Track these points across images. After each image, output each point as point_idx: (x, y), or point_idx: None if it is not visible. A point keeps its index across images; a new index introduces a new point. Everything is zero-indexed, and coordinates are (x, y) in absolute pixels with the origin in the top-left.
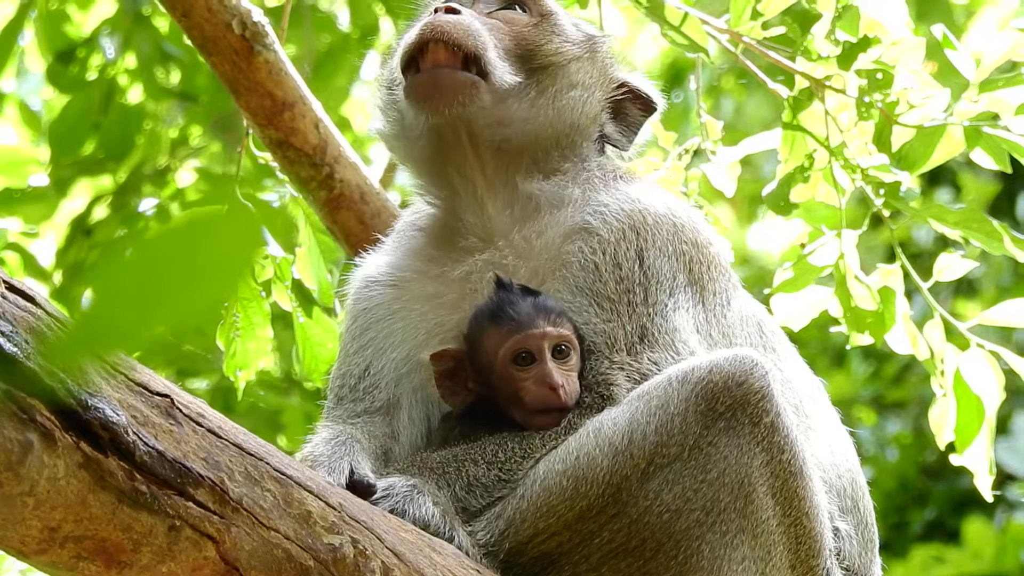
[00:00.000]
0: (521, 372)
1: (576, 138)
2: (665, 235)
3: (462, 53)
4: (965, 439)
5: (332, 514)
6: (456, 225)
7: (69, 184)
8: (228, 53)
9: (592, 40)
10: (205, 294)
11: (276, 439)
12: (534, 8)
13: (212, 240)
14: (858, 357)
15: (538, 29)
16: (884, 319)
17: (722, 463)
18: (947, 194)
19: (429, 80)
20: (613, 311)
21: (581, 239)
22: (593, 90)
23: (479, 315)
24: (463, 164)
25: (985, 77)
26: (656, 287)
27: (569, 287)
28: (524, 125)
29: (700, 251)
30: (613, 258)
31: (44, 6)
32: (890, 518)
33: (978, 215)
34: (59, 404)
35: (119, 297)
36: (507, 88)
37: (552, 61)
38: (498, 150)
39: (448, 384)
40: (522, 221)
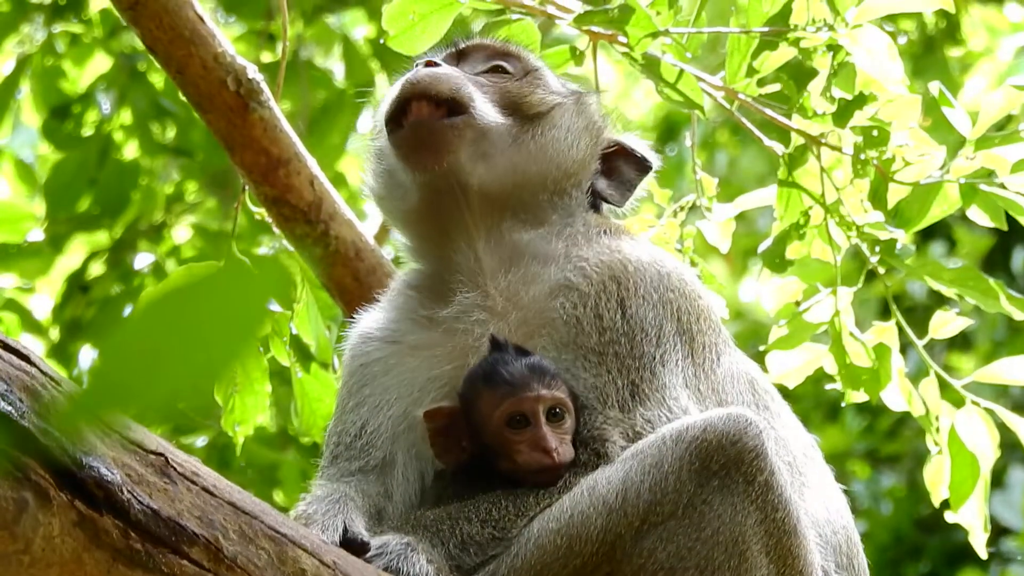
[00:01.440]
0: (515, 435)
1: (563, 183)
2: (649, 283)
3: (444, 103)
4: (960, 496)
5: (327, 572)
6: (446, 273)
7: (65, 240)
8: (223, 110)
9: (578, 95)
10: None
11: (272, 495)
12: (519, 66)
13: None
14: (852, 411)
15: (522, 83)
16: (879, 376)
17: (716, 521)
18: (942, 247)
19: (413, 136)
20: (601, 364)
21: (563, 295)
22: (580, 136)
23: (474, 376)
24: (454, 211)
25: (981, 134)
26: (642, 337)
27: (554, 343)
28: (513, 169)
29: (688, 301)
30: (594, 310)
31: (40, 61)
32: (884, 572)
33: (973, 273)
34: (54, 463)
35: (121, 360)
36: (491, 125)
37: (538, 109)
38: (486, 194)
39: (442, 442)
40: (509, 268)
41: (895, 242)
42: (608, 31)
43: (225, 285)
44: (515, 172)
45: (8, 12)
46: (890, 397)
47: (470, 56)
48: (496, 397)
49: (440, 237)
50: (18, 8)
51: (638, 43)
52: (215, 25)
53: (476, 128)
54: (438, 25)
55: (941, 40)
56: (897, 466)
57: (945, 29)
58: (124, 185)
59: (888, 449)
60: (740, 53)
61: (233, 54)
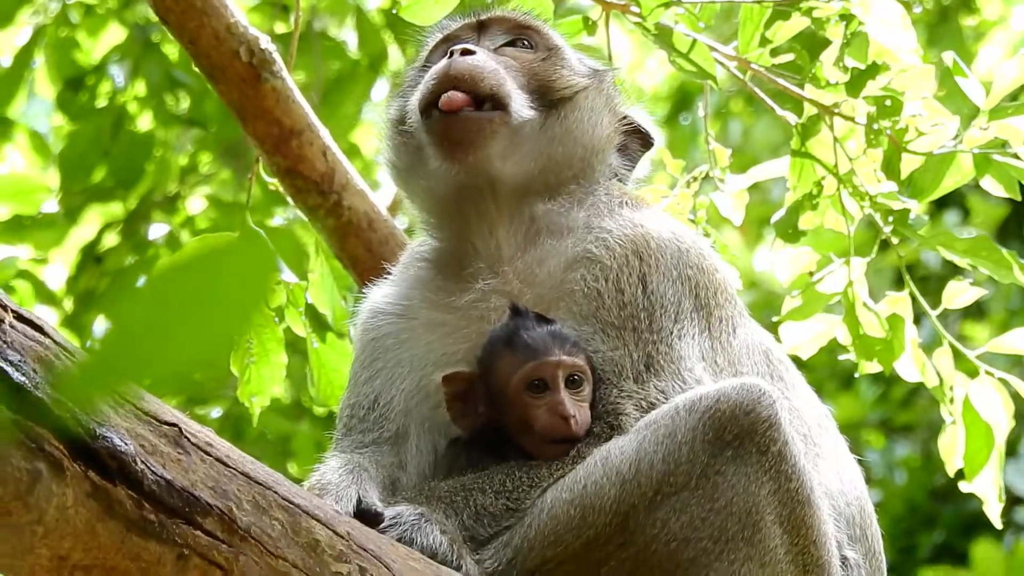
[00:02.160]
0: (534, 399)
1: (591, 159)
2: (669, 260)
3: (481, 95)
4: (974, 466)
5: (340, 543)
6: (463, 253)
7: (79, 211)
8: (236, 80)
9: (598, 73)
10: (220, 325)
11: (286, 466)
12: (540, 43)
13: (226, 270)
14: (866, 381)
15: (546, 64)
16: (893, 347)
17: (730, 492)
18: (955, 217)
19: (450, 128)
20: (619, 338)
21: (584, 267)
22: (602, 116)
23: (494, 340)
24: (479, 199)
25: (995, 104)
26: (661, 313)
27: (574, 316)
28: (541, 156)
29: (706, 276)
30: (616, 284)
31: (54, 32)
32: (898, 541)
33: (987, 243)
34: (67, 433)
35: (133, 330)
36: (525, 120)
37: (564, 95)
38: (513, 183)
39: (459, 407)
40: (525, 247)
41: (908, 212)
42: (621, 1)
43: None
44: (542, 159)
45: None
46: (904, 367)
47: (491, 28)
48: (517, 361)
49: (462, 221)
50: None
51: (651, 13)
52: None
53: (511, 126)
54: None
55: (955, 9)
56: (911, 436)
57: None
58: (138, 156)
59: (902, 419)
60: (753, 23)
61: (245, 24)
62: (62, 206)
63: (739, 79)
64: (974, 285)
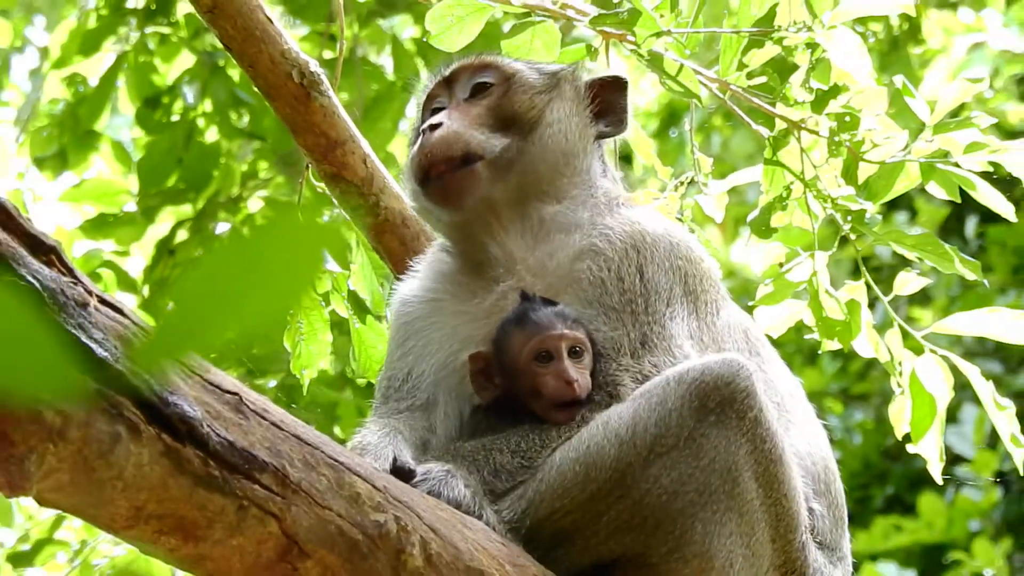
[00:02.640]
0: (541, 368)
1: (573, 162)
2: (663, 252)
3: (455, 158)
4: (920, 431)
5: (378, 495)
6: (481, 259)
7: (155, 211)
8: (288, 99)
9: (555, 76)
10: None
11: (332, 429)
12: (499, 76)
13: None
14: (828, 356)
15: (507, 96)
16: (851, 327)
17: (712, 452)
18: (904, 216)
19: (440, 189)
20: (618, 320)
21: (590, 259)
22: (572, 116)
23: (506, 322)
24: (485, 223)
25: (938, 120)
26: (655, 298)
27: (580, 301)
28: (527, 173)
29: (693, 266)
30: (617, 274)
31: (134, 58)
32: (855, 494)
33: (932, 239)
34: (143, 401)
35: (194, 306)
36: (500, 153)
37: (528, 116)
38: (509, 201)
39: (480, 380)
40: (536, 245)
41: (864, 212)
42: (619, 31)
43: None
44: (530, 174)
45: (107, 16)
46: (860, 345)
47: (457, 80)
48: (525, 336)
49: (475, 240)
50: (115, 13)
51: (644, 41)
52: (281, 26)
53: (489, 164)
54: (473, 25)
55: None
56: (866, 404)
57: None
58: (206, 164)
59: (858, 389)
60: (732, 50)
61: (297, 51)
62: (140, 206)
63: (720, 98)
64: (920, 275)
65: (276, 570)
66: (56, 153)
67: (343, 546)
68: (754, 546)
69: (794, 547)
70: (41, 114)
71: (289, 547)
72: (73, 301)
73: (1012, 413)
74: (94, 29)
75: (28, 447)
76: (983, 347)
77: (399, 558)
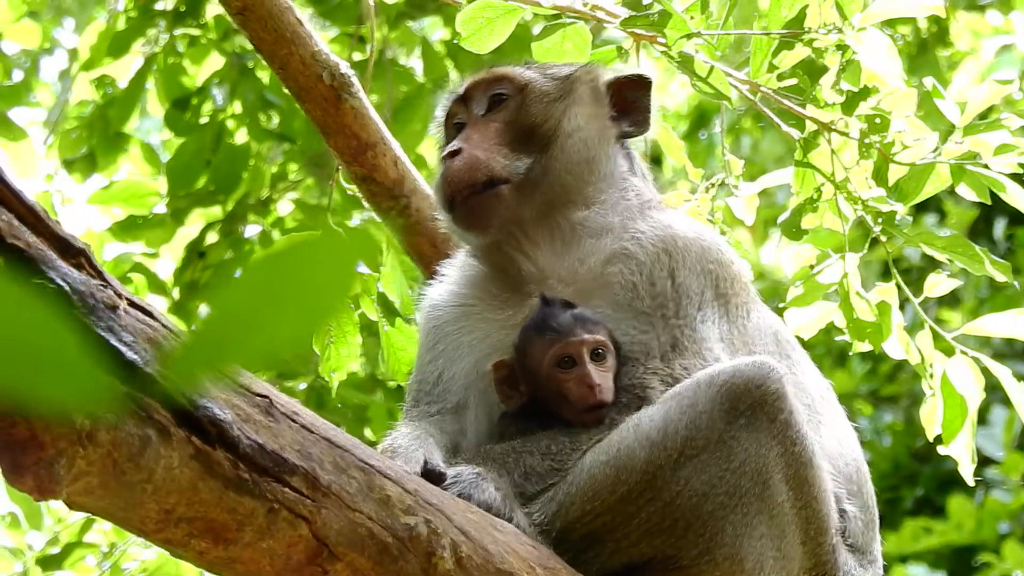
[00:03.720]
0: (564, 374)
1: (596, 167)
2: (694, 256)
3: (478, 183)
4: (950, 433)
5: (408, 498)
6: (512, 270)
7: (185, 213)
8: (319, 100)
9: (570, 79)
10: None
11: (363, 431)
12: (512, 88)
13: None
14: (858, 358)
15: (523, 109)
16: (882, 329)
17: (743, 454)
18: (934, 218)
19: (467, 215)
20: (649, 323)
21: (621, 262)
22: (589, 120)
23: (527, 329)
24: (515, 240)
25: (968, 122)
26: (686, 302)
27: (611, 304)
28: (553, 186)
29: (724, 269)
30: (648, 277)
31: (163, 60)
32: (885, 495)
33: (962, 240)
34: (173, 404)
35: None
36: (524, 174)
37: (545, 128)
38: (537, 217)
39: (505, 389)
40: (566, 252)
41: (895, 214)
42: (649, 33)
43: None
44: (555, 187)
45: (136, 18)
46: (890, 347)
47: (472, 96)
48: (546, 343)
49: (506, 257)
50: (144, 15)
51: (675, 43)
52: (312, 28)
53: (515, 185)
54: (503, 27)
55: (933, 42)
56: (896, 405)
57: (936, 33)
58: (235, 166)
59: (888, 391)
60: (762, 52)
61: (328, 52)
62: (170, 208)
63: (750, 100)
64: (950, 277)
65: (306, 573)
66: (85, 155)
67: (373, 549)
68: (784, 548)
69: (824, 549)
70: (70, 116)
71: (319, 550)
72: (102, 304)
73: None
74: (123, 31)
75: (57, 450)
76: (1012, 349)
77: (430, 560)
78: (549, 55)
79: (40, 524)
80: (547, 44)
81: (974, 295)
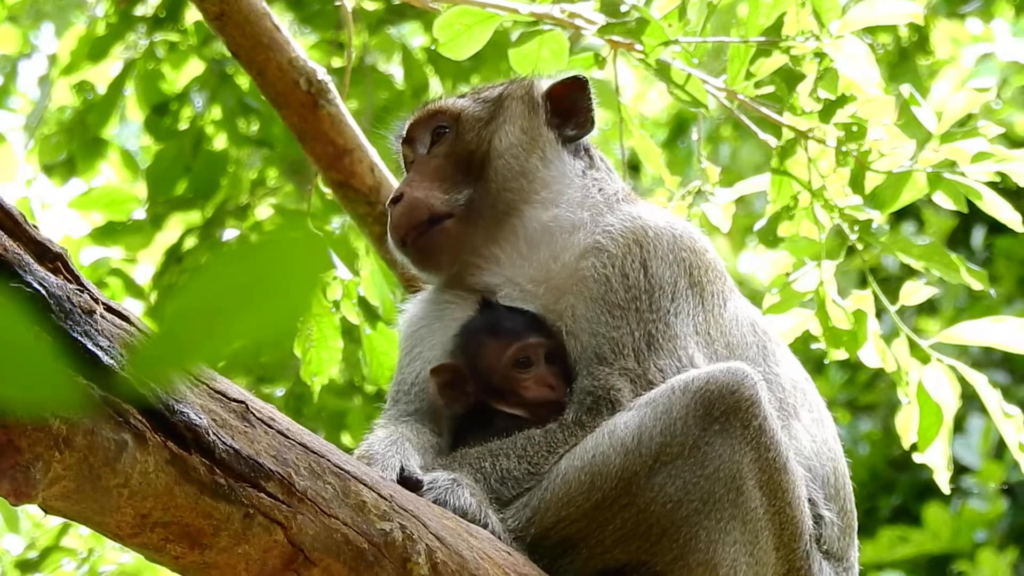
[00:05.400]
0: (522, 375)
1: (535, 175)
2: (666, 246)
3: (422, 223)
4: (926, 440)
5: (384, 504)
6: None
7: (164, 219)
8: (296, 106)
9: (500, 99)
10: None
11: (341, 437)
12: (448, 119)
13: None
14: (835, 366)
15: (457, 138)
16: (857, 337)
17: (717, 460)
18: (911, 227)
19: (417, 254)
20: (622, 318)
21: (594, 256)
22: (522, 135)
23: (475, 331)
24: (472, 265)
25: (945, 130)
26: (659, 294)
27: (584, 299)
28: (499, 204)
29: (697, 257)
30: (621, 270)
31: (143, 65)
32: (862, 504)
33: (938, 249)
34: (149, 409)
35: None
36: (465, 204)
37: (479, 155)
38: (489, 237)
39: (449, 393)
40: (534, 253)
41: (871, 222)
42: (627, 40)
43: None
44: (499, 207)
45: (116, 24)
46: (867, 355)
47: (416, 135)
48: (503, 345)
49: (470, 280)
50: (124, 20)
51: (652, 50)
52: (289, 34)
53: (456, 219)
54: (481, 34)
55: (912, 50)
56: (873, 414)
57: (916, 41)
58: (214, 172)
59: (865, 399)
60: (740, 59)
61: (305, 58)
62: (149, 214)
63: (728, 108)
64: (927, 285)
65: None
66: (64, 160)
67: (349, 554)
68: (758, 554)
69: (798, 555)
70: (49, 121)
71: (295, 555)
72: (79, 308)
73: (1019, 421)
74: (103, 36)
75: (34, 454)
76: (989, 358)
77: (405, 566)
78: (526, 62)
79: (18, 528)
80: (524, 51)
81: (952, 304)
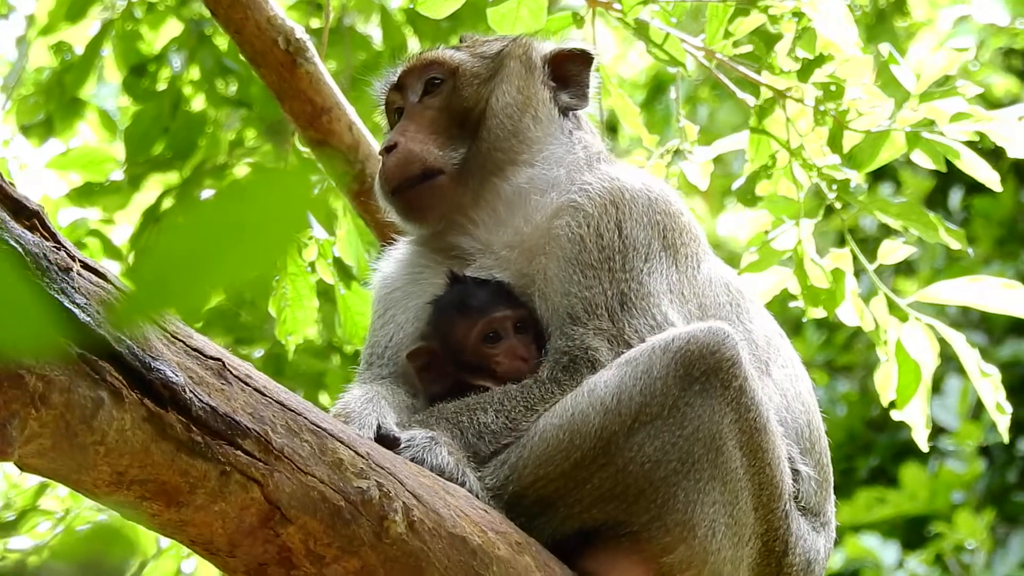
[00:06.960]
0: (492, 349)
1: (527, 134)
2: (641, 207)
3: (415, 176)
4: (905, 398)
5: (360, 462)
6: (457, 247)
7: (142, 179)
8: (275, 65)
9: (499, 56)
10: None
11: (319, 397)
12: (444, 71)
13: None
14: (813, 326)
15: (455, 93)
16: (835, 295)
17: (696, 420)
18: (889, 188)
19: (406, 205)
20: (595, 277)
21: (568, 215)
22: (518, 93)
23: (444, 308)
24: (456, 224)
25: (924, 90)
26: (633, 254)
27: (558, 259)
28: (489, 162)
29: (672, 220)
30: (596, 229)
31: (121, 26)
32: (839, 465)
33: (916, 208)
34: (126, 366)
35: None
36: (459, 161)
37: (476, 113)
38: (476, 196)
39: (428, 375)
40: (511, 216)
41: (849, 181)
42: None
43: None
44: (489, 166)
45: None
46: (845, 314)
47: (407, 83)
48: (470, 321)
49: (450, 239)
50: None
51: (631, 10)
52: None
53: (449, 175)
54: None
55: (890, 12)
56: (851, 374)
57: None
58: (193, 132)
59: (843, 360)
60: (718, 19)
61: (283, 17)
62: (127, 175)
63: (706, 67)
64: (905, 244)
65: (258, 536)
66: (42, 121)
67: (325, 512)
68: (737, 515)
69: (777, 516)
70: (27, 82)
71: (272, 513)
72: (56, 266)
73: (997, 380)
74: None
75: (10, 412)
76: (967, 319)
77: (382, 524)
78: (504, 21)
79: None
80: (502, 10)
81: (930, 265)
